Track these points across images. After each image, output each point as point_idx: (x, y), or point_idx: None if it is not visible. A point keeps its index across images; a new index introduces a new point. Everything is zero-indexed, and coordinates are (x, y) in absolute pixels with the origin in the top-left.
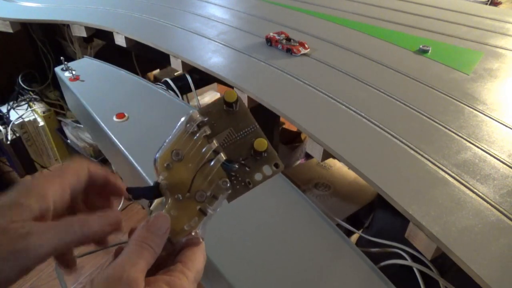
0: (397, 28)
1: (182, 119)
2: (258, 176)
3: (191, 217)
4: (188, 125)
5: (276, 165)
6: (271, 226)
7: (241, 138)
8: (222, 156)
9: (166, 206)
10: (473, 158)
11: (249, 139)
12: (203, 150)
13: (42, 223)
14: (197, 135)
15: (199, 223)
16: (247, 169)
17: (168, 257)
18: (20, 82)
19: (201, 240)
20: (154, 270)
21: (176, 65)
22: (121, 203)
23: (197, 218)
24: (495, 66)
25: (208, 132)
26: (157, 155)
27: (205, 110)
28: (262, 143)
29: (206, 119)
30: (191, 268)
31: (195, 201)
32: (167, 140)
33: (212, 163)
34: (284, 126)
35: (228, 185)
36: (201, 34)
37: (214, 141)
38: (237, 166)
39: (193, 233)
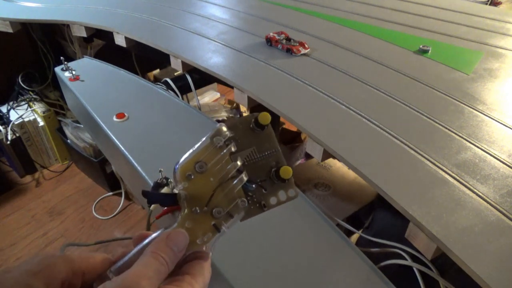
0: (397, 28)
1: (208, 134)
2: (273, 200)
3: (205, 232)
4: (215, 138)
5: (292, 192)
6: (270, 226)
7: (261, 159)
8: (245, 176)
9: (181, 216)
10: (473, 158)
11: (270, 162)
12: (228, 167)
13: None
14: (224, 151)
15: (212, 239)
16: (263, 191)
17: (173, 268)
18: (20, 82)
19: (210, 255)
20: None
21: (176, 65)
22: (121, 203)
23: (210, 233)
24: (495, 66)
25: (234, 149)
26: (178, 164)
27: (232, 125)
28: (288, 171)
29: (232, 134)
30: (199, 281)
31: (211, 216)
32: (190, 151)
33: (235, 182)
34: (284, 126)
35: (246, 205)
36: (201, 34)
37: (239, 160)
38: (254, 187)
39: (204, 248)
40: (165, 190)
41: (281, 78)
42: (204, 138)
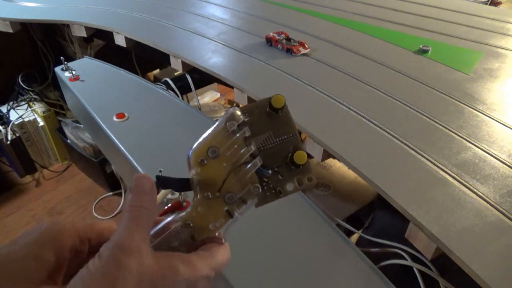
0: (397, 28)
1: (222, 118)
2: (289, 186)
3: (217, 217)
4: (228, 123)
5: (309, 179)
6: (270, 226)
7: (278, 144)
8: (259, 161)
9: (194, 201)
10: (473, 158)
11: (287, 147)
12: (241, 151)
13: None
14: (237, 135)
15: (224, 225)
16: (280, 177)
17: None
18: (20, 82)
19: (223, 241)
20: None
21: (176, 65)
22: (121, 203)
23: (223, 219)
24: (495, 66)
25: (248, 133)
26: (191, 149)
27: (247, 109)
28: (302, 156)
29: (247, 119)
30: (212, 256)
31: (223, 201)
32: (203, 136)
33: (248, 166)
34: None
35: (260, 191)
36: (201, 34)
37: (253, 144)
38: (270, 172)
39: (216, 234)
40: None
41: (281, 78)
42: (217, 123)
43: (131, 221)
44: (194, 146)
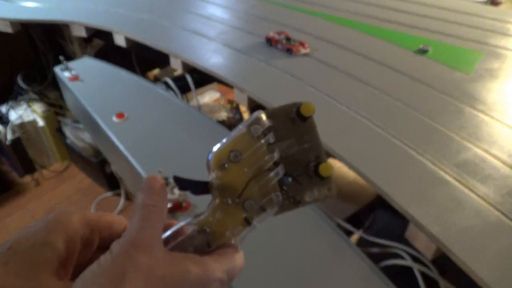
0: (397, 28)
1: (245, 121)
2: (308, 196)
3: (235, 225)
4: (252, 127)
5: (329, 189)
6: (270, 226)
7: (300, 152)
8: (281, 169)
9: (212, 206)
10: (473, 158)
11: (308, 155)
12: (265, 158)
13: None
14: (262, 141)
15: (241, 233)
16: (299, 185)
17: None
18: (20, 82)
19: (238, 249)
20: None
21: (176, 65)
22: (121, 203)
23: (241, 227)
24: (495, 66)
25: (273, 140)
26: (212, 152)
27: (272, 113)
28: (328, 168)
29: (271, 124)
30: (225, 260)
31: (242, 208)
32: (225, 139)
33: (270, 175)
34: None
35: (280, 199)
36: (201, 34)
37: (276, 152)
38: (290, 181)
39: (232, 241)
40: None
41: (281, 78)
42: (240, 126)
43: (143, 219)
44: (215, 149)
